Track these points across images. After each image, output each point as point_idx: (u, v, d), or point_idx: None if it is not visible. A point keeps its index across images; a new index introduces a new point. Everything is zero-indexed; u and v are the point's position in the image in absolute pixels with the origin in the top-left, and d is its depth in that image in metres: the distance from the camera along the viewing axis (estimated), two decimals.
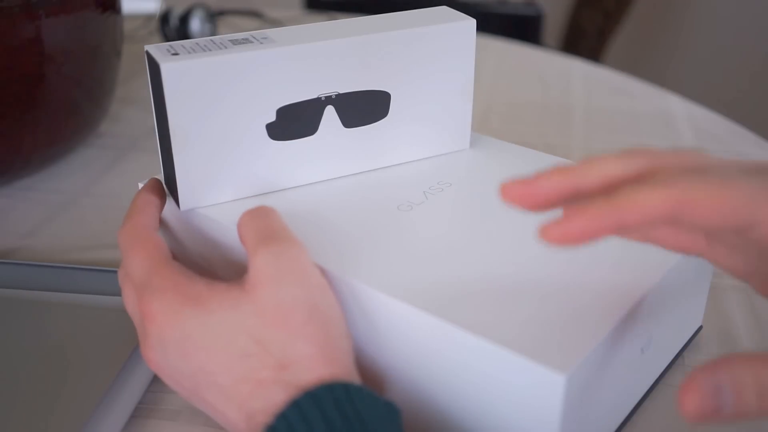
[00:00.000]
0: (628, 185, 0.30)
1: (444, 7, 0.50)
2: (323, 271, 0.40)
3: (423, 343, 0.38)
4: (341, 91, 0.46)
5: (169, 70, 0.41)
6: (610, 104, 0.86)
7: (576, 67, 0.97)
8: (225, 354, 0.36)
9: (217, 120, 0.43)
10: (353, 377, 0.36)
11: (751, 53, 2.21)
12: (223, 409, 0.36)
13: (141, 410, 0.44)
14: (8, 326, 0.48)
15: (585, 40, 2.10)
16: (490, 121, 0.82)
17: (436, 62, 0.48)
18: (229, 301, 0.36)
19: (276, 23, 1.08)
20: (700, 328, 0.50)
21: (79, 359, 0.46)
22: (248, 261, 0.37)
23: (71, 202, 0.66)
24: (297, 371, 0.35)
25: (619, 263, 0.41)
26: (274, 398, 0.34)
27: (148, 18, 1.05)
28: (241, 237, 0.39)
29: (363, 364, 0.41)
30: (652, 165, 0.31)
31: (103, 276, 0.52)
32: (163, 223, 0.47)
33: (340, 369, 0.35)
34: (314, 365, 0.35)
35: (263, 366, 0.35)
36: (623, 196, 0.30)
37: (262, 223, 0.39)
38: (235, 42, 0.44)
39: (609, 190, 0.31)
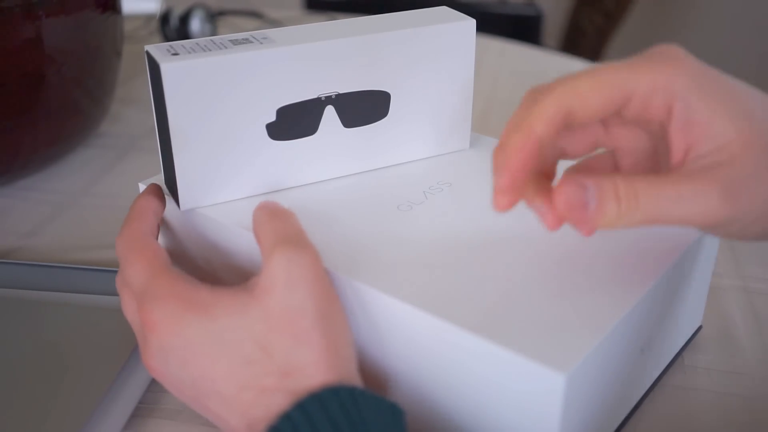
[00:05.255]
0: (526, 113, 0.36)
1: (444, 7, 0.50)
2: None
3: (423, 342, 0.38)
4: (341, 91, 0.46)
5: (169, 70, 0.41)
6: None
7: (576, 67, 0.97)
8: (228, 361, 0.35)
9: (217, 120, 0.43)
10: (356, 383, 0.36)
11: (751, 53, 2.21)
12: (225, 416, 0.36)
13: (141, 410, 0.44)
14: (8, 326, 0.48)
15: (585, 40, 2.10)
16: (490, 121, 0.82)
17: (436, 62, 0.48)
18: (236, 306, 0.36)
19: (276, 23, 1.08)
20: (700, 328, 0.50)
21: (79, 359, 0.46)
22: (262, 262, 0.37)
23: (71, 202, 0.66)
24: (300, 379, 0.34)
25: (619, 263, 0.41)
26: (276, 406, 0.34)
27: (148, 18, 1.05)
28: (256, 236, 0.39)
29: (364, 365, 0.41)
30: (540, 89, 0.37)
31: (103, 276, 0.52)
32: (163, 224, 0.47)
33: (344, 375, 0.35)
34: (317, 373, 0.34)
35: (266, 373, 0.35)
36: (526, 119, 0.35)
37: (281, 225, 0.38)
38: (235, 42, 0.44)
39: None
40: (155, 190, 0.45)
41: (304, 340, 0.35)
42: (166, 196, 0.46)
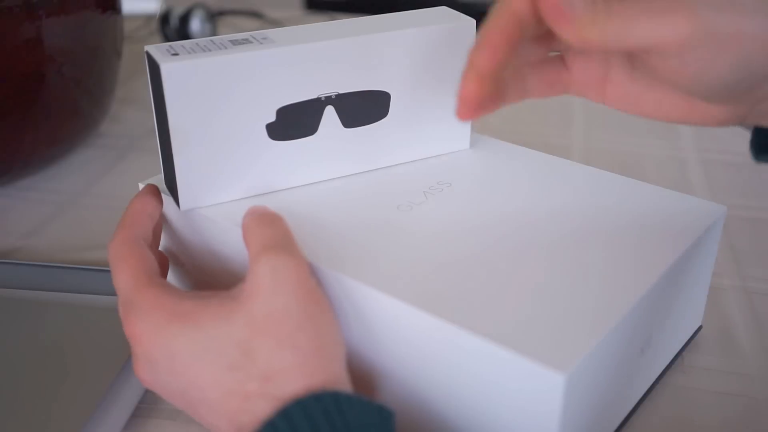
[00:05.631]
0: None
1: (444, 7, 0.50)
2: (323, 272, 0.40)
3: (422, 343, 0.38)
4: (341, 92, 0.46)
5: (169, 70, 0.41)
6: None
7: None
8: (214, 368, 0.35)
9: (217, 120, 0.43)
10: (343, 384, 0.36)
11: None
12: (216, 423, 0.36)
13: (141, 410, 0.44)
14: (8, 326, 0.48)
15: None
16: (490, 121, 0.82)
17: (436, 62, 0.48)
18: (221, 313, 0.36)
19: (276, 23, 1.08)
20: (700, 327, 0.50)
21: (79, 359, 0.46)
22: (248, 268, 0.37)
23: (71, 202, 0.66)
24: (281, 383, 0.34)
25: (619, 263, 0.41)
26: (259, 412, 0.34)
27: (148, 18, 1.05)
28: (245, 241, 0.39)
29: (360, 366, 0.41)
30: None
31: (103, 276, 0.52)
32: (163, 223, 0.47)
33: (329, 377, 0.35)
34: (299, 376, 0.34)
35: (249, 378, 0.35)
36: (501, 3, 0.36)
37: (268, 231, 0.38)
38: (235, 42, 0.44)
39: None
40: (152, 191, 0.45)
41: (287, 344, 0.35)
42: (166, 197, 0.46)
